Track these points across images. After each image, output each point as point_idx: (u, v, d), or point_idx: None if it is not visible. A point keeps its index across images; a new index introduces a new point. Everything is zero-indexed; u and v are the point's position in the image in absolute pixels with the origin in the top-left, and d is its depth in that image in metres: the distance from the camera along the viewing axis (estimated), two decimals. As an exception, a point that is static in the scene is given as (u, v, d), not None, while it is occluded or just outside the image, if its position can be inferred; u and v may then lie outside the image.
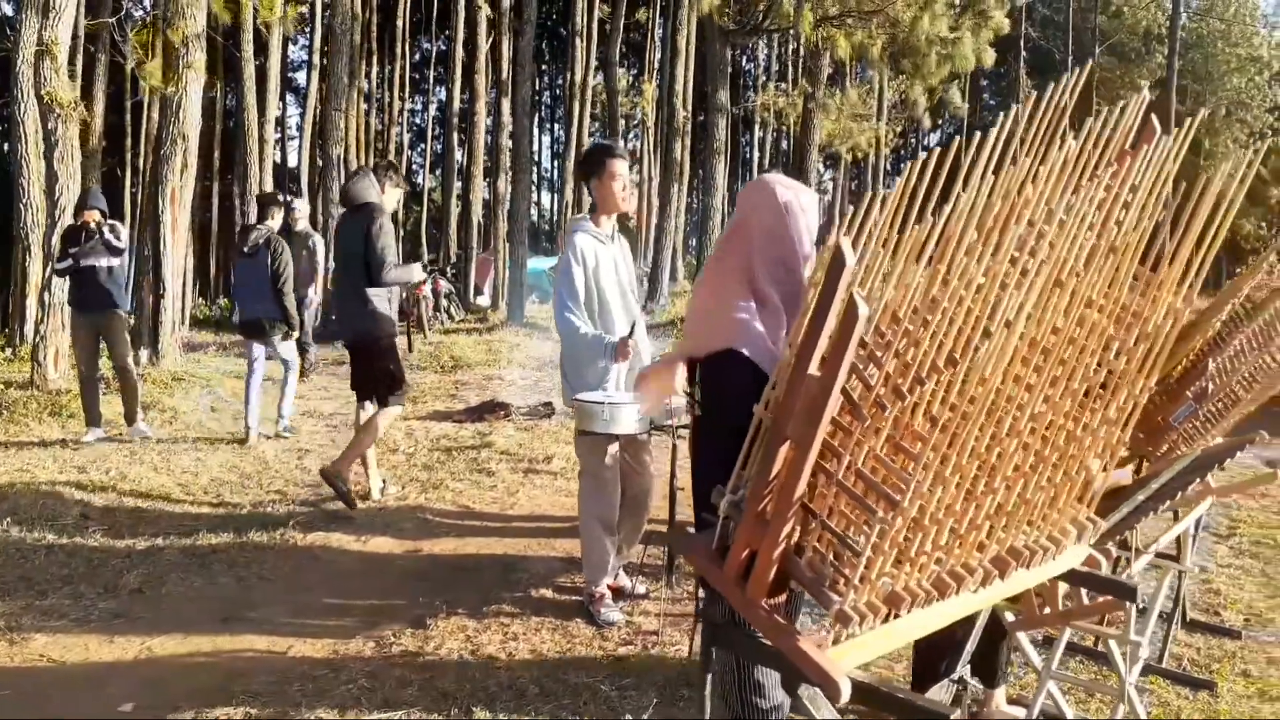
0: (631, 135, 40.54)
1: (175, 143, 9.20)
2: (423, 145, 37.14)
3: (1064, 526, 2.06)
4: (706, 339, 2.23)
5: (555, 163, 36.07)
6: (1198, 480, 2.85)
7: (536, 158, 43.45)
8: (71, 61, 16.49)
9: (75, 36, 16.01)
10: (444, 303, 15.15)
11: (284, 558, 4.70)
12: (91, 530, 4.94)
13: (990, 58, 13.42)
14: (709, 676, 1.77)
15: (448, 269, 17.68)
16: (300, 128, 22.56)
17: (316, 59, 19.76)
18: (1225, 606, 4.56)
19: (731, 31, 13.50)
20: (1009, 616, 2.72)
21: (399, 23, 28.55)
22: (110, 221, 7.00)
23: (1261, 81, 33.21)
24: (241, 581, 4.39)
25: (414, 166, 39.07)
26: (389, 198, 5.49)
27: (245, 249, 7.15)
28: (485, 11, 17.79)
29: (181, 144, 9.25)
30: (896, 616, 1.71)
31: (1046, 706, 2.96)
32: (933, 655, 2.95)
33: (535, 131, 43.60)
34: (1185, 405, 3.49)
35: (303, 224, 9.61)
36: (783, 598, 2.10)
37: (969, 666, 2.25)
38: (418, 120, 40.04)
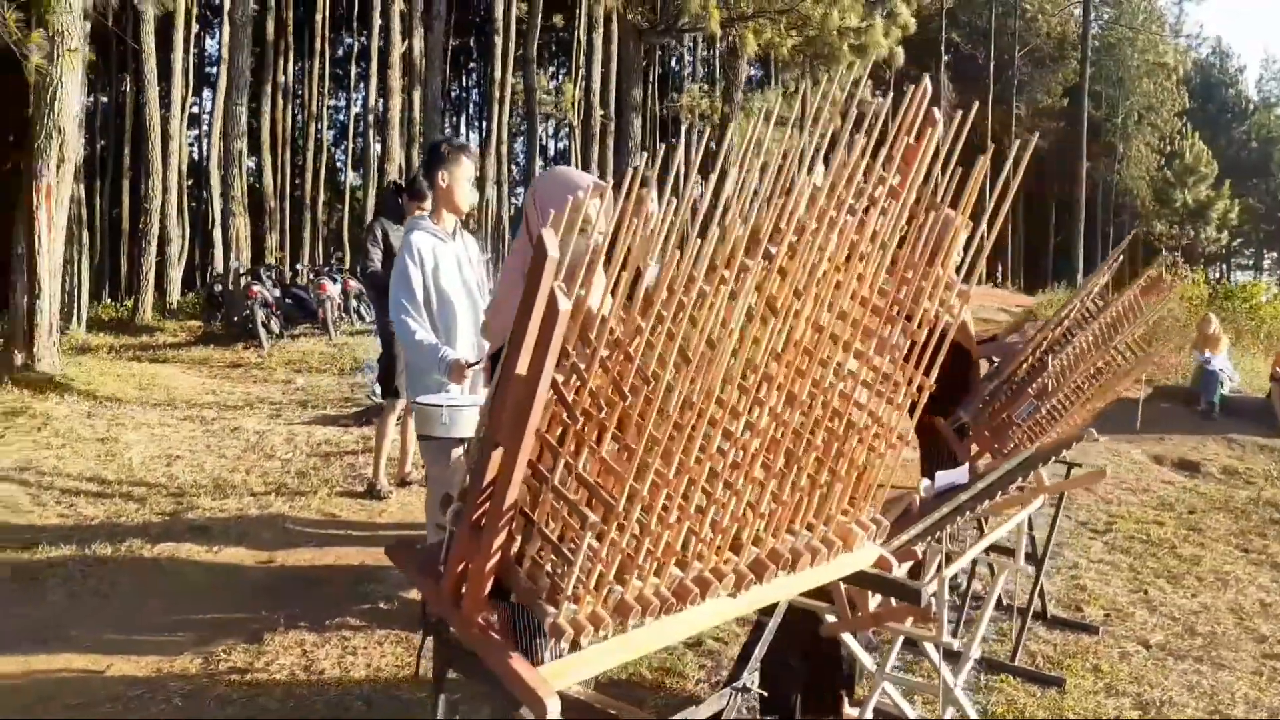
0: (562, 135, 40.38)
1: (50, 136, 8.79)
2: (346, 142, 36.42)
3: (845, 527, 1.99)
4: (502, 329, 2.10)
5: (481, 161, 35.76)
6: (1020, 478, 2.82)
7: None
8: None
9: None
10: (354, 303, 14.77)
11: (127, 571, 4.46)
12: (-81, 545, 4.64)
13: (900, 56, 13.52)
14: (441, 699, 1.66)
15: (358, 268, 17.24)
16: (210, 123, 21.93)
17: (225, 53, 19.20)
18: (1088, 602, 4.60)
19: (645, 30, 13.40)
20: (830, 619, 2.66)
21: (318, 17, 27.97)
22: None
23: (1170, 86, 34.34)
24: (74, 598, 4.15)
25: (337, 164, 38.33)
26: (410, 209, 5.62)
27: None
28: (399, 6, 17.46)
29: (58, 137, 8.84)
30: (640, 624, 1.61)
31: (885, 705, 2.92)
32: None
33: (464, 129, 43.16)
34: (1028, 403, 3.48)
35: None
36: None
37: (757, 675, 2.17)
38: (341, 117, 39.28)
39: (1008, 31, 32.10)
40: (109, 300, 24.92)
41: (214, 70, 34.96)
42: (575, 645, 1.53)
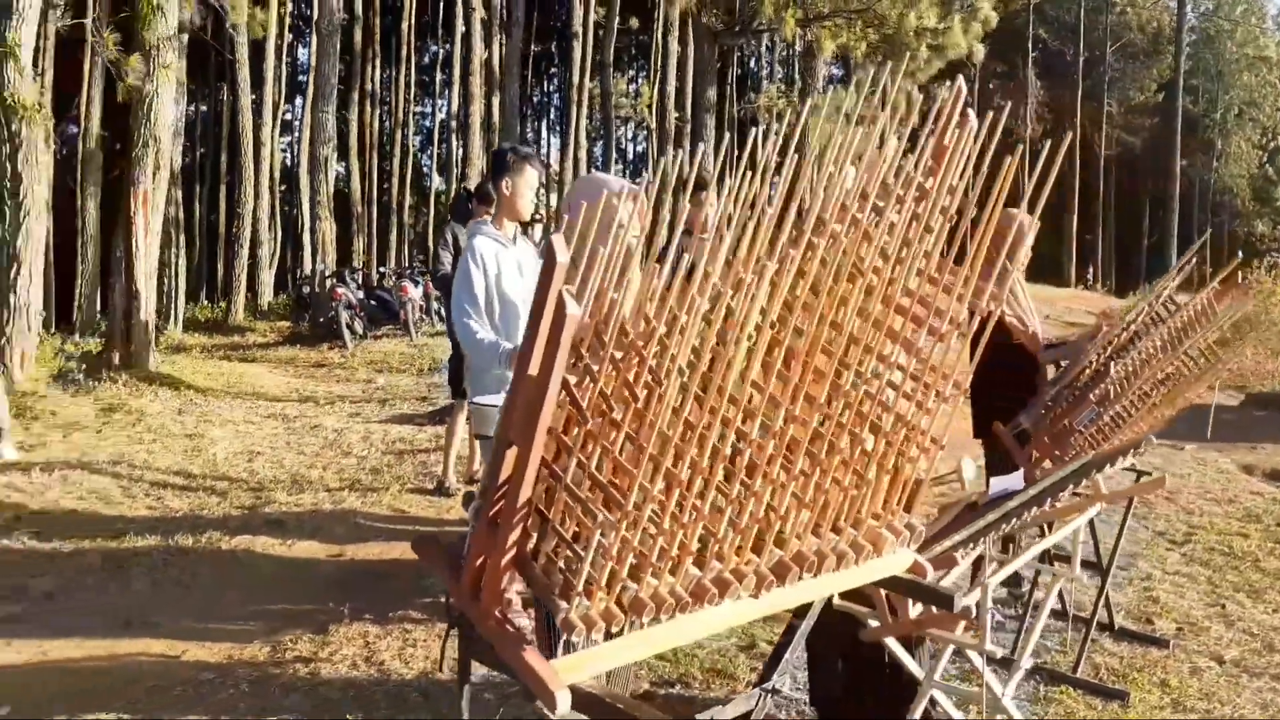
0: (640, 138, 40.60)
1: (147, 145, 9.23)
2: (431, 148, 37.21)
3: (875, 532, 1.99)
4: None
5: (560, 165, 36.11)
6: (1073, 486, 2.77)
7: (545, 160, 43.48)
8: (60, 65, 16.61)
9: (80, 41, 16.20)
10: (435, 305, 15.09)
11: (206, 561, 4.67)
12: (18, 534, 4.93)
13: (980, 51, 13.19)
14: (465, 689, 1.72)
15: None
16: (301, 130, 22.66)
17: (314, 62, 19.83)
18: (1161, 615, 4.46)
19: (720, 33, 13.40)
20: (873, 623, 2.65)
21: (405, 25, 28.66)
22: None
23: (1273, 80, 32.81)
24: (157, 586, 4.37)
25: (423, 169, 39.17)
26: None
27: None
28: (480, 14, 17.81)
29: (154, 146, 9.28)
30: (657, 622, 1.65)
31: (940, 716, 2.89)
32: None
33: (544, 133, 43.73)
34: (1089, 409, 3.41)
35: None
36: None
37: (788, 677, 2.18)
38: (427, 123, 40.12)
39: (1099, 26, 31.10)
40: (206, 302, 26.03)
41: (305, 78, 36.18)
42: (608, 638, 1.57)
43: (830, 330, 1.75)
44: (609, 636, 1.60)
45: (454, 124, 21.59)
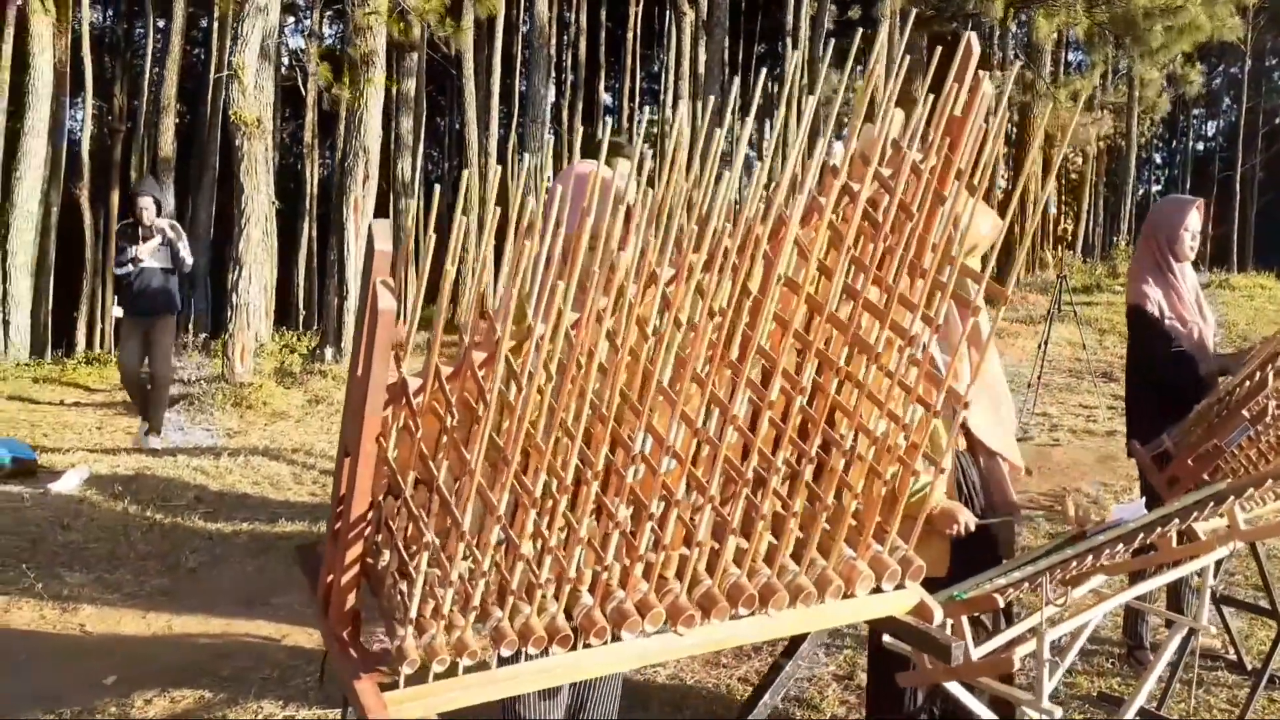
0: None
1: (357, 155, 9.90)
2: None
3: (848, 565, 1.71)
4: None
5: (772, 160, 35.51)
6: (1177, 520, 2.30)
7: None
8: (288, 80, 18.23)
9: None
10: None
11: (340, 548, 4.89)
12: (192, 513, 5.36)
13: (1235, 29, 11.55)
14: (349, 710, 1.62)
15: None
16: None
17: (528, 74, 20.68)
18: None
19: (929, 19, 12.64)
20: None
21: (630, 35, 29.39)
22: (171, 223, 7.01)
23: None
24: (288, 569, 4.59)
25: (649, 174, 40.02)
26: None
27: None
28: (689, 18, 17.89)
29: (363, 156, 9.93)
30: (546, 653, 1.48)
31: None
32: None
33: (768, 132, 43.54)
34: (1240, 427, 2.85)
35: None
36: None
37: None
38: (654, 130, 40.99)
39: None
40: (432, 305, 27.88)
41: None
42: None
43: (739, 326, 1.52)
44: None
45: (666, 129, 21.83)
